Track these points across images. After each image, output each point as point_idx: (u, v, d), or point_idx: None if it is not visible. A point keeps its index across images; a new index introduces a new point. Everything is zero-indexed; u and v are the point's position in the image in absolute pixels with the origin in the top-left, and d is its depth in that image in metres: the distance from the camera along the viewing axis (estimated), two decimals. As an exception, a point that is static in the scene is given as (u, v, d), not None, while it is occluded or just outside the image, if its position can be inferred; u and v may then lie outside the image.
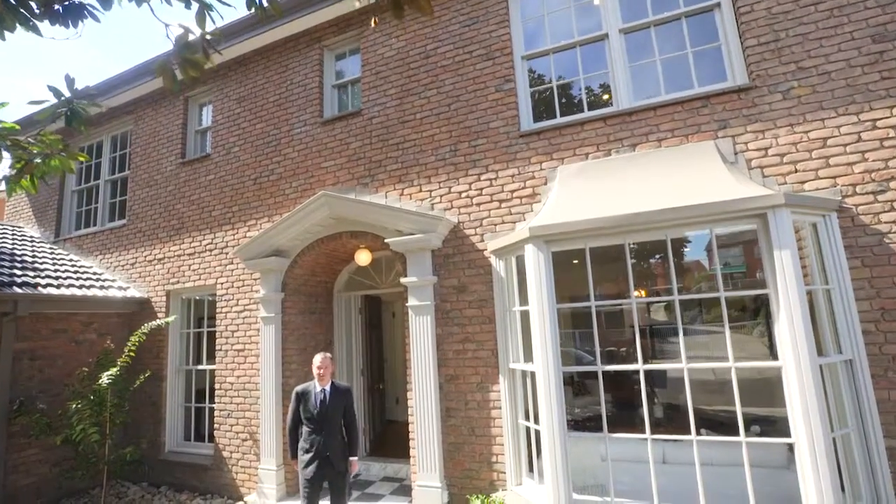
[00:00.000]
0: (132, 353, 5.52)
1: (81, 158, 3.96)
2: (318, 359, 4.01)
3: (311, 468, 3.80)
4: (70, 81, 3.22)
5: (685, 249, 6.44)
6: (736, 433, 3.37)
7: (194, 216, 6.50)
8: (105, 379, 5.14)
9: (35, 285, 5.71)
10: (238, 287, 5.97)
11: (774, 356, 3.37)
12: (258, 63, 6.36)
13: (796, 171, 3.75)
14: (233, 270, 6.04)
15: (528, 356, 4.14)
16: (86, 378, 5.31)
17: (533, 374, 4.02)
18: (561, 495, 3.59)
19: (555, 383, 3.72)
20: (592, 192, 4.14)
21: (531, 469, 4.24)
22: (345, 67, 6.09)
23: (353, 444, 4.02)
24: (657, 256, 6.93)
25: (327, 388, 3.97)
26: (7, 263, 6.11)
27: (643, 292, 7.05)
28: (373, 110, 5.47)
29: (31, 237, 7.86)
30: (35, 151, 3.48)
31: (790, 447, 4.34)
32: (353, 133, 5.55)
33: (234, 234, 6.12)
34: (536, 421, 3.98)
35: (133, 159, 7.33)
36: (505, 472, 4.32)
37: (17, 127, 3.45)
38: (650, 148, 4.23)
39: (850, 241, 3.54)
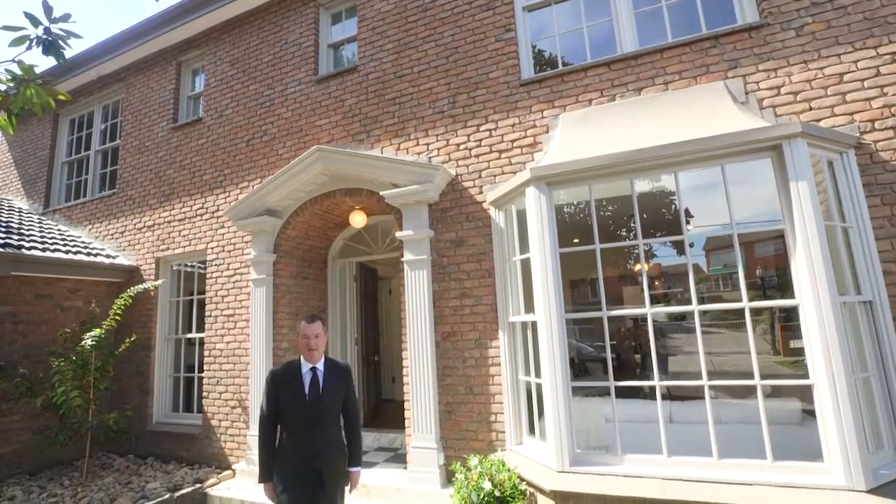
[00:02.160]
0: (118, 317, 5.32)
1: (62, 97, 3.79)
2: (306, 325, 2.80)
3: (295, 493, 2.62)
4: (48, 9, 3.04)
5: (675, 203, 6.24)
6: (746, 395, 3.18)
7: (185, 181, 6.31)
8: (88, 340, 4.94)
9: (19, 247, 5.51)
10: (229, 251, 5.77)
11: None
12: (252, 24, 6.19)
13: (811, 108, 3.57)
14: (224, 234, 5.85)
15: (529, 307, 3.94)
16: (68, 340, 5.10)
17: (534, 325, 3.82)
18: (564, 450, 3.39)
19: (557, 330, 3.52)
20: (596, 136, 3.95)
21: (532, 431, 4.03)
22: (341, 30, 5.93)
23: (355, 448, 2.90)
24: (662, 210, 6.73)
25: (320, 367, 2.82)
26: (-9, 227, 5.92)
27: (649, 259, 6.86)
28: (369, 66, 5.30)
29: (20, 209, 7.67)
30: (11, 84, 3.31)
31: (803, 407, 4.17)
32: (348, 90, 5.37)
33: (225, 198, 5.93)
34: (538, 375, 3.79)
35: (124, 127, 7.15)
36: (504, 432, 4.11)
37: None
38: (656, 92, 4.05)
39: (869, 178, 3.36)
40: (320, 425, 2.70)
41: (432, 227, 4.60)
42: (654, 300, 9.64)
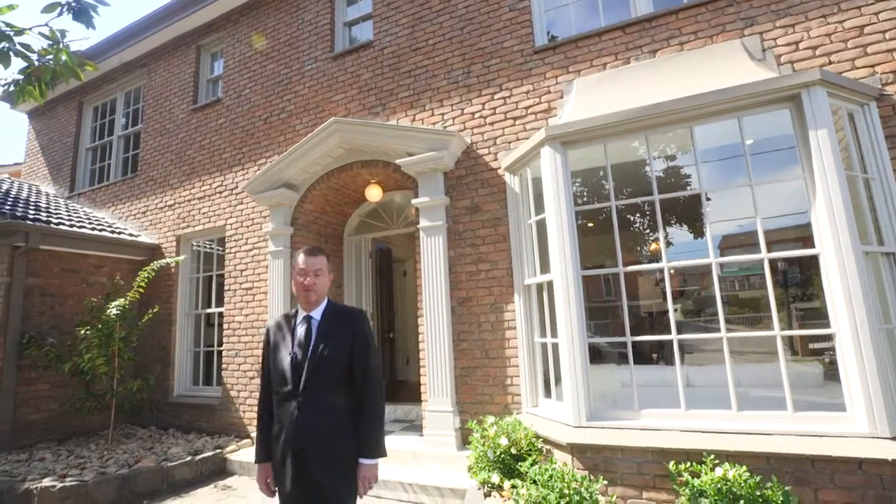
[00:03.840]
0: (141, 289, 5.46)
1: (90, 67, 3.91)
2: (303, 258, 2.10)
3: (284, 479, 1.95)
4: (78, -25, 3.17)
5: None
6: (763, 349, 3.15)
7: (205, 160, 6.46)
8: (113, 310, 5.09)
9: (47, 221, 5.70)
10: (247, 226, 5.89)
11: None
12: (269, 5, 6.32)
13: (830, 62, 3.53)
14: (242, 210, 5.97)
15: (545, 268, 3.96)
16: (95, 309, 5.25)
17: (550, 286, 3.84)
18: (581, 405, 3.39)
19: (573, 286, 3.53)
20: (611, 98, 3.95)
21: (548, 393, 4.04)
22: (356, 9, 6.01)
23: (368, 430, 2.00)
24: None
25: (316, 315, 2.10)
26: (22, 206, 6.13)
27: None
28: (384, 41, 5.37)
29: (47, 193, 7.92)
30: (45, 47, 3.43)
31: (823, 367, 4.11)
32: (363, 65, 5.45)
33: (244, 175, 6.05)
34: (554, 335, 3.80)
35: (146, 111, 7.35)
36: (520, 395, 4.13)
37: (28, 32, 3.38)
38: (672, 53, 4.04)
39: (892, 130, 3.31)
40: (307, 392, 1.94)
41: (447, 194, 4.64)
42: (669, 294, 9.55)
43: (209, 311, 6.33)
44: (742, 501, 2.49)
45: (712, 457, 2.75)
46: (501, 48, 4.70)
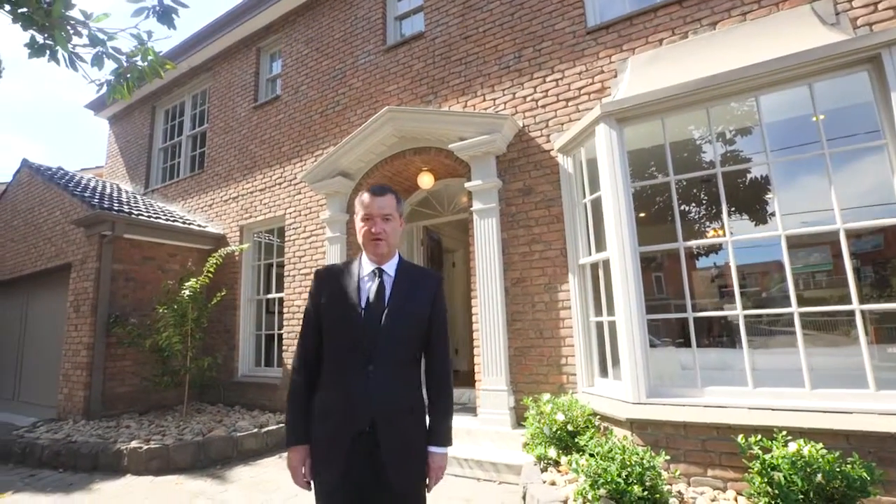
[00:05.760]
0: (210, 274, 5.85)
1: (169, 66, 4.26)
2: (369, 198, 1.68)
3: (333, 465, 1.52)
4: (162, -18, 3.48)
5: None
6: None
7: (265, 154, 6.84)
8: (186, 291, 5.49)
9: (129, 213, 6.23)
10: (305, 215, 6.19)
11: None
12: (324, 4, 6.61)
13: (914, 22, 3.31)
14: (300, 200, 6.28)
15: (600, 246, 3.93)
16: (170, 292, 5.69)
17: (605, 264, 3.81)
18: (640, 381, 3.35)
19: (631, 262, 3.49)
20: (667, 73, 3.87)
21: (604, 373, 4.00)
22: (406, 3, 6.18)
23: (440, 414, 1.68)
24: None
25: (390, 269, 1.70)
26: (107, 200, 6.73)
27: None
28: (435, 31, 5.50)
29: (126, 190, 8.63)
30: (132, 57, 3.79)
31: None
32: (415, 55, 5.61)
33: (301, 166, 6.37)
34: (610, 313, 3.77)
35: (211, 111, 7.87)
36: (575, 375, 4.12)
37: (116, 37, 3.72)
38: (733, 24, 3.91)
39: None
40: (381, 360, 1.56)
41: (500, 177, 4.70)
42: (726, 292, 9.13)
43: (269, 296, 6.69)
44: (820, 476, 2.39)
45: (784, 433, 2.66)
46: (553, 31, 4.71)
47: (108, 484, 4.00)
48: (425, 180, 5.62)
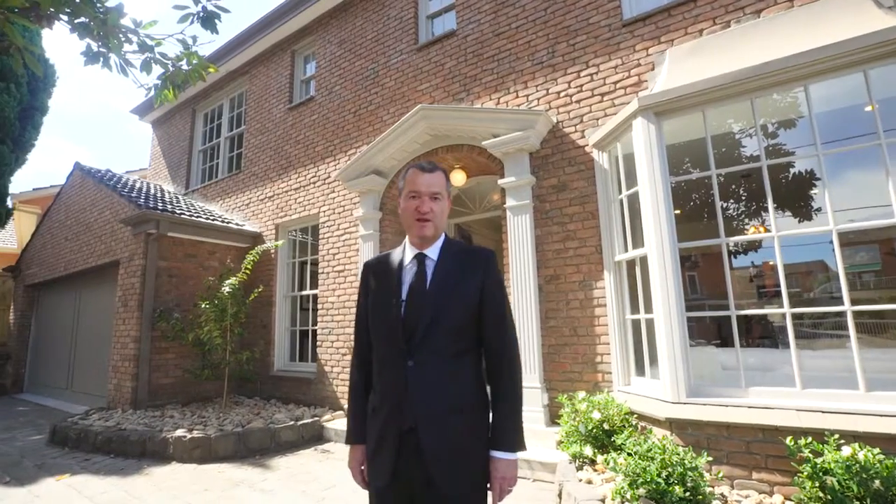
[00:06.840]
0: (248, 271, 6.04)
1: (212, 69, 4.42)
2: (417, 173, 1.54)
3: (380, 468, 1.44)
4: (204, -10, 3.61)
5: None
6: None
7: (300, 154, 7.01)
8: (226, 288, 5.69)
9: (173, 212, 6.51)
10: (339, 213, 6.31)
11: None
12: (356, 6, 6.72)
13: (982, 3, 3.10)
14: (334, 199, 6.41)
15: (637, 243, 3.85)
16: (211, 288, 5.91)
17: (643, 261, 3.73)
18: (680, 380, 3.26)
19: (671, 259, 3.41)
20: (708, 64, 3.75)
21: (641, 371, 3.92)
22: (438, 2, 6.21)
23: (508, 409, 1.46)
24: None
25: (433, 253, 1.55)
26: (152, 200, 7.05)
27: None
28: (467, 29, 5.51)
29: (168, 191, 9.01)
30: (177, 61, 3.95)
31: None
32: (447, 54, 5.63)
33: (335, 165, 6.49)
34: (647, 311, 3.69)
35: (248, 113, 8.12)
36: (610, 373, 4.05)
37: (162, 42, 3.88)
38: (780, 11, 3.76)
39: None
40: (421, 353, 1.43)
41: (533, 173, 4.66)
42: (765, 292, 8.79)
43: (303, 293, 6.85)
44: (878, 481, 2.28)
45: (836, 436, 2.55)
46: (587, 24, 4.64)
47: (157, 469, 4.20)
48: (457, 178, 5.63)
